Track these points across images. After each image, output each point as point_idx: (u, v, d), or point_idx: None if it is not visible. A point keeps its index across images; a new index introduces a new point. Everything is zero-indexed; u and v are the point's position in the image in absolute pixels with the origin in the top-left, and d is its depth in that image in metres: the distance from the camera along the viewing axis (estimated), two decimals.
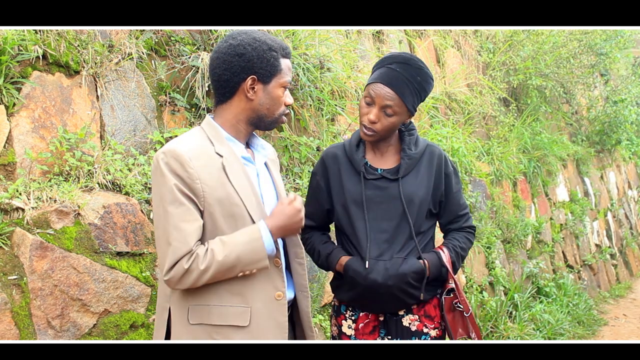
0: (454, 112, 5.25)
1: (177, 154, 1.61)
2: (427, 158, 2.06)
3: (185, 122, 2.87)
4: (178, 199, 1.59)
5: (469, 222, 2.16)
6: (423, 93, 2.00)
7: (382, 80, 1.95)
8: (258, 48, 1.69)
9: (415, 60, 1.98)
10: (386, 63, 1.98)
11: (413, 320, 2.06)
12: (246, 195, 1.68)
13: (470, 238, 2.16)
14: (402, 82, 1.93)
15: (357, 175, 2.04)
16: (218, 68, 1.71)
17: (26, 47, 2.28)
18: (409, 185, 2.02)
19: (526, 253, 5.66)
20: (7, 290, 2.00)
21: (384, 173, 2.04)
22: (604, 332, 5.39)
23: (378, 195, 2.02)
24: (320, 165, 2.14)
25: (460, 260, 2.10)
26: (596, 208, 7.75)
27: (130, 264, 2.34)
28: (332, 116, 3.69)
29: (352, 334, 2.09)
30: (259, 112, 1.74)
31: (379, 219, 2.01)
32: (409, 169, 2.03)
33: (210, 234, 1.65)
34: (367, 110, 1.98)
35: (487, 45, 6.17)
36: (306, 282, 1.86)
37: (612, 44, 6.93)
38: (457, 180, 2.13)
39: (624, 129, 7.94)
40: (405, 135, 2.08)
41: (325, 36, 3.58)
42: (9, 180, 2.20)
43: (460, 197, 2.14)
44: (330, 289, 2.21)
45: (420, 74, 1.96)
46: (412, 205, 2.01)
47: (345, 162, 2.08)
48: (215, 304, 1.64)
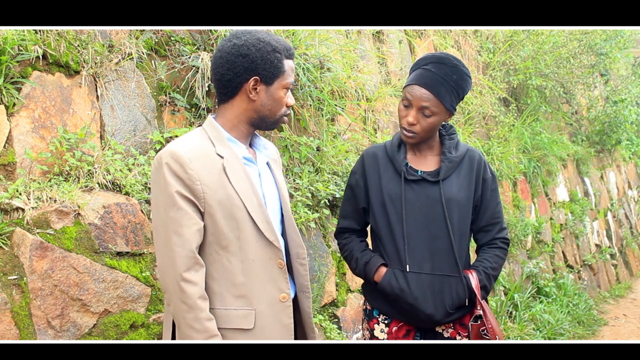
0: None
1: (177, 155, 1.61)
2: (468, 162, 2.05)
3: (185, 122, 2.87)
4: (177, 203, 1.59)
5: (502, 234, 2.11)
6: (461, 91, 1.99)
7: (417, 81, 1.96)
8: (262, 49, 1.68)
9: (450, 59, 1.98)
10: (421, 64, 1.99)
11: (447, 327, 2.05)
12: (247, 197, 1.68)
13: (501, 254, 2.09)
14: (438, 81, 1.93)
15: (398, 176, 2.03)
16: (221, 67, 1.70)
17: (26, 47, 2.28)
18: (450, 188, 2.00)
19: (526, 253, 5.66)
20: (7, 290, 2.00)
21: (425, 175, 2.02)
22: (604, 332, 5.39)
23: (418, 198, 2.01)
24: (359, 164, 2.14)
25: (492, 280, 2.05)
26: (596, 208, 7.75)
27: (130, 264, 2.34)
28: (332, 116, 3.69)
29: (385, 338, 2.08)
30: (260, 112, 1.74)
31: (418, 223, 1.99)
32: (449, 172, 2.02)
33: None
34: (406, 112, 1.98)
35: (487, 45, 6.17)
36: (308, 282, 1.85)
37: (612, 44, 6.93)
38: (494, 187, 2.10)
39: (624, 129, 7.94)
40: (446, 139, 2.08)
41: (325, 36, 3.58)
42: (9, 180, 2.20)
43: (496, 205, 2.10)
44: (362, 293, 2.20)
45: (456, 72, 1.96)
46: (452, 208, 1.99)
47: (386, 162, 2.07)
48: (219, 307, 1.64)
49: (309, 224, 3.15)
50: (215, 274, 1.65)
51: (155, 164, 1.64)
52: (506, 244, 2.12)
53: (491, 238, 2.09)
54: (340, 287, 3.37)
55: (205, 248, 1.65)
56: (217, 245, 1.65)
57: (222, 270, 1.65)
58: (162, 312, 2.40)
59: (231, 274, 1.65)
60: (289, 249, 1.83)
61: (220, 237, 1.64)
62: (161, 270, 1.63)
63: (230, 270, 1.65)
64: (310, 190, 3.18)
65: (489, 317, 1.97)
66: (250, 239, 1.67)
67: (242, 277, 1.66)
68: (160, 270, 1.64)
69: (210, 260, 1.65)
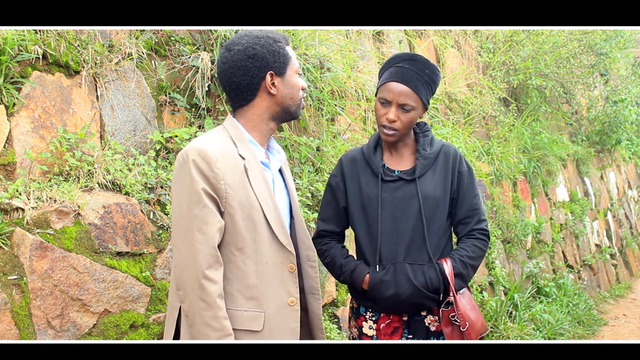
0: (454, 112, 5.25)
1: (204, 152, 1.62)
2: (443, 158, 2.08)
3: (185, 122, 2.87)
4: (203, 200, 1.59)
5: (480, 225, 2.11)
6: (433, 85, 2.05)
7: (394, 78, 1.99)
8: (265, 44, 1.71)
9: (419, 55, 2.05)
10: (393, 63, 2.03)
11: (433, 321, 2.07)
12: (264, 200, 1.69)
13: (479, 244, 2.10)
14: (414, 77, 1.98)
15: (375, 178, 2.07)
16: (234, 76, 1.71)
17: (26, 47, 2.28)
18: (426, 185, 2.04)
19: (526, 253, 5.66)
20: (7, 290, 2.00)
21: (401, 174, 2.06)
22: (604, 332, 5.38)
23: (395, 197, 2.04)
24: (338, 168, 2.17)
25: (469, 268, 2.06)
26: (596, 208, 7.75)
27: (130, 264, 2.34)
28: (332, 116, 3.69)
29: (374, 334, 2.10)
30: (283, 104, 1.77)
31: (397, 220, 2.03)
32: (425, 169, 2.05)
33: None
34: (384, 110, 2.01)
35: (487, 45, 6.16)
36: (317, 284, 1.86)
37: (612, 44, 6.93)
38: (470, 180, 2.12)
39: (624, 129, 7.94)
40: (420, 136, 2.11)
41: (325, 36, 3.58)
42: (9, 180, 2.20)
43: (473, 197, 2.11)
44: (349, 292, 2.21)
45: (427, 67, 2.01)
46: (429, 204, 2.02)
47: (364, 165, 2.11)
48: (230, 308, 1.64)
49: (309, 224, 3.15)
50: (229, 274, 1.65)
51: (180, 160, 1.64)
52: (485, 235, 2.13)
53: (469, 230, 2.11)
54: (340, 287, 3.37)
55: (222, 248, 1.65)
56: (233, 246, 1.65)
57: (236, 271, 1.65)
58: (162, 312, 2.40)
59: (245, 275, 1.66)
60: (299, 252, 1.84)
61: (237, 239, 1.65)
62: (179, 266, 1.61)
63: (245, 271, 1.66)
64: (310, 190, 3.18)
65: (459, 303, 2.00)
66: (265, 242, 1.68)
67: (255, 279, 1.66)
68: (177, 267, 1.62)
69: (225, 261, 1.65)
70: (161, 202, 2.54)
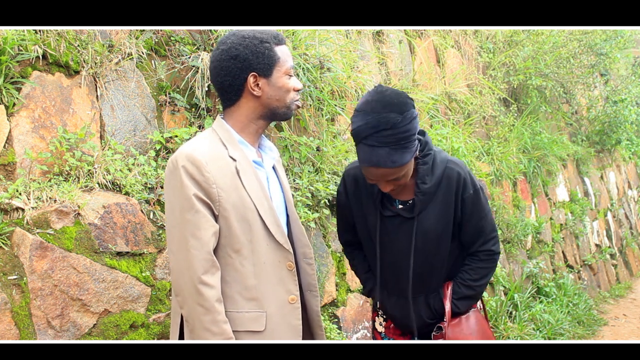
0: (454, 112, 5.25)
1: (193, 157, 1.61)
2: (445, 185, 1.96)
3: (185, 122, 2.87)
4: (195, 206, 1.58)
5: (485, 246, 2.05)
6: (408, 135, 1.78)
7: (368, 163, 1.80)
8: (249, 45, 1.68)
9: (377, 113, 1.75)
10: (361, 139, 1.79)
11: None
12: (258, 200, 1.69)
13: (482, 265, 2.05)
14: (386, 154, 1.76)
15: (375, 210, 2.03)
16: (218, 76, 1.71)
17: (26, 47, 2.28)
18: (427, 221, 1.98)
19: (526, 253, 5.66)
20: (7, 290, 2.00)
21: (400, 211, 2.00)
22: (604, 332, 5.38)
23: (395, 233, 2.02)
24: (342, 185, 2.14)
25: (477, 289, 2.06)
26: (596, 208, 7.75)
27: (130, 264, 2.34)
28: (332, 116, 3.69)
29: (383, 332, 2.20)
30: (269, 105, 1.73)
31: (396, 256, 2.04)
32: (425, 205, 1.97)
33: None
34: (376, 183, 1.91)
35: (487, 45, 6.16)
36: (315, 281, 1.86)
37: (612, 44, 6.92)
38: (476, 202, 2.00)
39: (624, 129, 7.94)
40: (420, 164, 1.94)
41: (325, 36, 3.58)
42: (9, 180, 2.20)
43: (479, 220, 2.02)
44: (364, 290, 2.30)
45: (392, 128, 1.74)
46: (430, 239, 1.99)
47: (366, 189, 2.04)
48: (231, 310, 1.64)
49: (309, 224, 3.15)
50: (228, 277, 1.65)
51: (170, 167, 1.64)
52: (489, 255, 2.07)
53: (474, 251, 2.08)
54: (340, 287, 3.37)
55: (218, 251, 1.64)
56: (229, 248, 1.65)
57: (234, 273, 1.65)
58: (162, 312, 2.40)
59: (243, 277, 1.66)
60: (296, 250, 1.83)
61: (234, 241, 1.64)
62: (176, 272, 1.61)
63: (243, 273, 1.65)
64: (310, 190, 3.18)
65: (447, 330, 2.02)
66: (261, 242, 1.68)
67: (253, 280, 1.66)
68: (174, 273, 1.62)
69: (223, 264, 1.64)
70: (161, 202, 2.54)
